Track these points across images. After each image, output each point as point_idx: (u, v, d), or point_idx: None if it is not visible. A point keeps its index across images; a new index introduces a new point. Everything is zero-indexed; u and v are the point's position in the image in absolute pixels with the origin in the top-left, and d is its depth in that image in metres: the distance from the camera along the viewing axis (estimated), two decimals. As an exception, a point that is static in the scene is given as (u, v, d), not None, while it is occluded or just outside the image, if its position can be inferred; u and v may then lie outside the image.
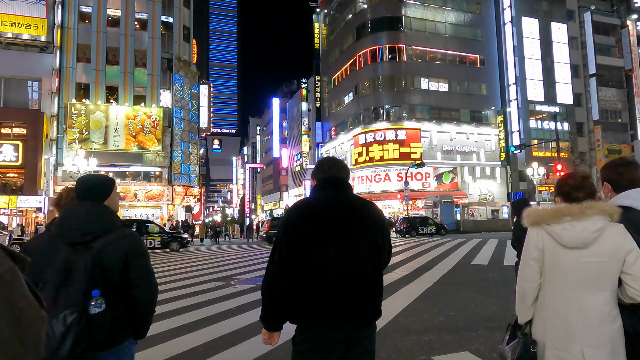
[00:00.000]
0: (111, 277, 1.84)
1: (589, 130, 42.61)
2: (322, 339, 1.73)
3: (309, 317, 1.76)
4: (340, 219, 1.81)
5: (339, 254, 1.76)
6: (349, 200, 1.89)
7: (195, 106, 35.96)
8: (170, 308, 6.57)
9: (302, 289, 1.77)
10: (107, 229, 1.90)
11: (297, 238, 1.78)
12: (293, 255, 1.79)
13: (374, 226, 1.86)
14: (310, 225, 1.79)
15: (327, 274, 1.75)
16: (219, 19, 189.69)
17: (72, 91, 30.49)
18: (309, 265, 1.76)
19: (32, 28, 29.30)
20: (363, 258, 1.80)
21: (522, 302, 1.84)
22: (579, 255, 1.70)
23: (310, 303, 1.75)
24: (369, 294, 1.81)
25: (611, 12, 46.05)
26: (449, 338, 4.69)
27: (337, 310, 1.74)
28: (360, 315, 1.77)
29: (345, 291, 1.75)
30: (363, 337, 1.79)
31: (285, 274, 1.80)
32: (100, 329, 1.74)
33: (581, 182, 1.82)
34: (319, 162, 2.02)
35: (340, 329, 1.73)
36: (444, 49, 39.95)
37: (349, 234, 1.79)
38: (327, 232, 1.78)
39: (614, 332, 1.65)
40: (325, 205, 1.84)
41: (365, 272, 1.80)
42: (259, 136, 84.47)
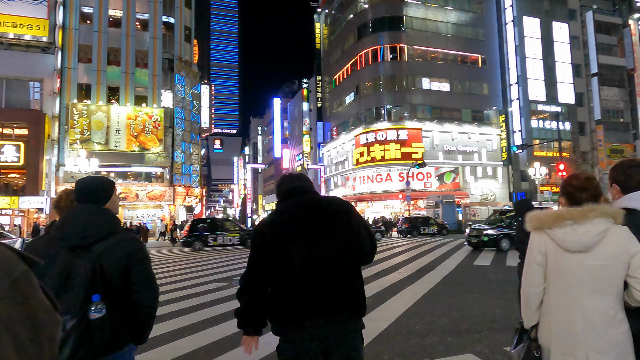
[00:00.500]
0: (112, 282, 1.81)
1: (591, 129, 42.49)
2: (301, 339, 1.74)
3: (286, 320, 1.78)
4: (305, 218, 1.85)
5: (308, 251, 1.77)
6: (312, 200, 1.94)
7: (196, 106, 35.98)
8: (172, 309, 6.55)
9: (278, 292, 1.81)
10: (108, 233, 1.87)
11: (267, 246, 1.84)
12: (267, 262, 1.83)
13: (340, 219, 1.87)
14: (278, 231, 1.85)
15: (298, 272, 1.76)
16: (220, 19, 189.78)
17: (73, 92, 30.53)
18: (282, 268, 1.79)
19: (33, 29, 29.34)
20: (334, 252, 1.79)
21: (527, 306, 1.82)
22: (582, 259, 1.68)
23: (286, 305, 1.78)
24: (345, 288, 1.81)
25: (613, 11, 45.91)
26: (451, 340, 4.66)
27: (313, 308, 1.74)
28: (337, 310, 1.76)
29: (318, 288, 1.76)
30: (345, 332, 1.78)
31: (261, 283, 1.87)
32: (101, 335, 1.71)
33: (585, 184, 1.79)
34: (279, 179, 2.10)
35: (319, 327, 1.73)
36: (446, 48, 39.89)
37: (315, 230, 1.82)
38: (294, 233, 1.81)
39: (620, 336, 1.62)
40: (290, 210, 1.90)
41: (338, 265, 1.80)
42: (260, 136, 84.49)
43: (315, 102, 51.20)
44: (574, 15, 43.68)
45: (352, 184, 41.86)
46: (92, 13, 31.54)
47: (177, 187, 32.54)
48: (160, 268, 12.76)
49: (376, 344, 4.58)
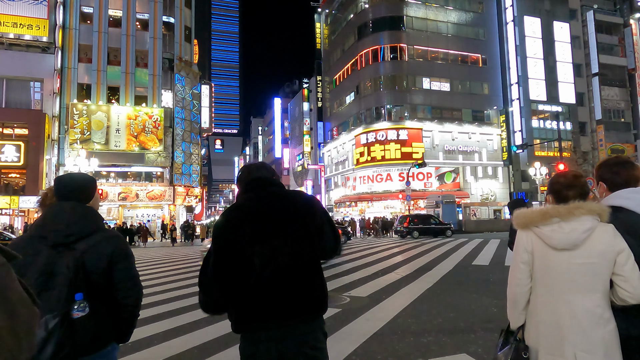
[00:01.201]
0: (95, 280, 1.78)
1: (592, 129, 42.40)
2: (257, 340, 1.70)
3: (243, 320, 1.73)
4: (265, 215, 1.78)
5: (268, 254, 1.72)
6: (272, 197, 1.86)
7: (196, 106, 35.99)
8: (167, 309, 6.53)
9: (235, 297, 1.75)
10: (91, 231, 1.84)
11: (225, 245, 1.78)
12: (225, 262, 1.77)
13: (302, 215, 1.81)
14: (238, 229, 1.78)
15: (257, 275, 1.71)
16: (220, 19, 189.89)
17: (73, 91, 30.57)
18: (240, 269, 1.74)
19: (33, 29, 29.38)
20: (295, 253, 1.75)
21: (514, 306, 1.80)
22: (569, 257, 1.66)
23: (243, 306, 1.73)
24: (304, 289, 1.74)
25: (614, 11, 45.81)
26: (447, 340, 4.63)
27: (271, 311, 1.69)
28: (296, 313, 1.71)
29: (276, 289, 1.70)
30: (304, 333, 1.72)
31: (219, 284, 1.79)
32: (84, 334, 1.69)
33: (572, 181, 1.77)
34: (240, 169, 2.02)
35: (276, 329, 1.69)
36: (446, 48, 39.84)
37: (276, 229, 1.76)
38: (254, 232, 1.75)
39: (607, 335, 1.61)
40: (249, 207, 1.83)
41: (296, 266, 1.74)
42: (261, 136, 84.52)
43: (316, 102, 51.19)
44: (575, 15, 43.60)
45: (352, 184, 41.84)
46: (92, 13, 31.58)
47: (177, 187, 32.56)
48: (158, 268, 12.75)
49: (370, 343, 4.56)
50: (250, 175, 1.93)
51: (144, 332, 5.16)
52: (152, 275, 10.86)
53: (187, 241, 27.84)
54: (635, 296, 1.61)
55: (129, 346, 4.59)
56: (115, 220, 30.47)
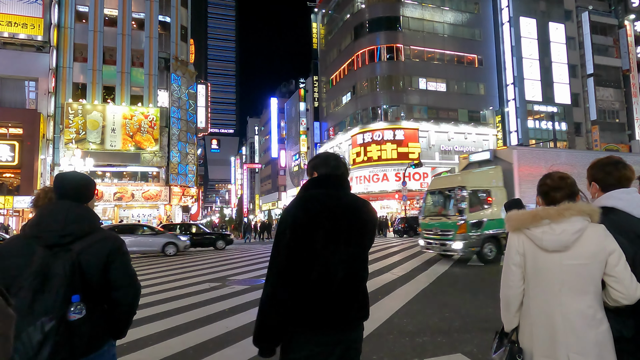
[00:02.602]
0: (91, 281, 1.76)
1: (587, 130, 42.62)
2: (320, 343, 1.65)
3: (312, 323, 1.65)
4: (346, 220, 1.73)
5: (344, 257, 1.70)
6: (353, 202, 1.82)
7: (192, 106, 35.90)
8: (163, 309, 6.52)
9: (306, 294, 1.65)
10: (88, 231, 1.82)
11: (306, 240, 1.65)
12: (302, 258, 1.65)
13: (372, 229, 1.84)
14: (319, 225, 1.67)
15: (332, 278, 1.67)
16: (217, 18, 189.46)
17: (69, 91, 30.41)
18: (315, 269, 1.65)
19: (28, 27, 29.20)
20: (362, 261, 1.79)
21: (507, 309, 1.80)
22: (560, 258, 1.66)
23: (315, 308, 1.65)
24: (365, 295, 1.80)
25: (609, 12, 46.07)
26: (442, 340, 4.64)
27: (340, 314, 1.68)
28: (358, 317, 1.75)
29: (348, 295, 1.70)
30: (356, 338, 1.76)
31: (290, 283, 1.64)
32: (80, 336, 1.67)
33: (559, 183, 1.78)
34: (322, 156, 1.88)
35: (340, 333, 1.69)
36: (442, 48, 39.93)
37: (353, 236, 1.74)
38: (335, 234, 1.69)
39: (600, 336, 1.61)
40: (332, 206, 1.74)
41: (363, 275, 1.79)
42: (257, 136, 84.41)
43: (312, 102, 51.17)
44: (570, 16, 43.80)
45: None
46: (88, 12, 31.41)
47: (173, 187, 32.45)
48: (155, 268, 12.71)
49: (366, 344, 4.53)
50: (334, 170, 1.83)
51: (139, 333, 5.14)
52: (147, 276, 10.82)
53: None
54: (627, 297, 1.61)
55: (125, 347, 4.57)
56: (110, 221, 30.34)
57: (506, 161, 11.84)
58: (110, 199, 30.75)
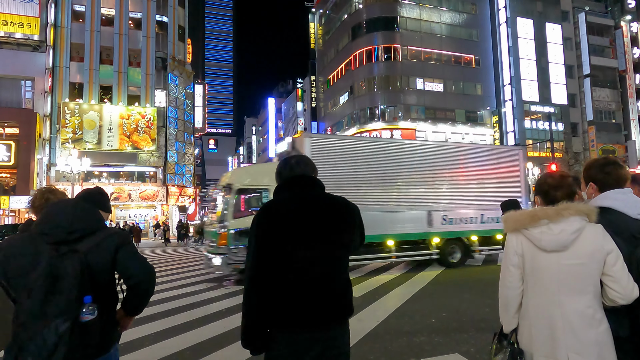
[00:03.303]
0: (101, 280, 1.76)
1: (584, 130, 42.77)
2: (296, 342, 1.67)
3: (289, 323, 1.68)
4: (312, 221, 1.72)
5: (315, 258, 1.69)
6: (320, 200, 1.79)
7: (190, 106, 35.84)
8: (161, 310, 6.50)
9: (280, 295, 1.69)
10: (94, 229, 1.81)
11: (273, 245, 1.68)
12: (269, 263, 1.69)
13: (345, 227, 1.79)
14: (281, 227, 1.69)
15: (307, 278, 1.68)
16: (214, 18, 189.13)
17: (65, 91, 30.30)
18: (288, 272, 1.69)
19: (24, 27, 29.08)
20: (339, 259, 1.76)
21: (506, 310, 1.79)
22: (559, 258, 1.66)
23: (292, 308, 1.68)
24: (344, 294, 1.76)
25: (605, 13, 46.25)
26: (439, 340, 4.65)
27: (317, 312, 1.68)
28: (336, 315, 1.72)
29: (324, 294, 1.69)
30: (337, 336, 1.73)
31: (263, 286, 1.69)
32: (93, 337, 1.66)
33: (560, 182, 1.78)
34: (283, 160, 1.89)
35: (318, 331, 1.68)
36: (440, 49, 39.99)
37: (318, 236, 1.71)
38: (302, 235, 1.70)
39: (599, 336, 1.61)
40: (296, 208, 1.74)
41: (341, 273, 1.76)
42: (255, 136, 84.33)
43: (310, 102, 51.16)
44: (567, 17, 43.95)
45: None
46: (84, 11, 31.32)
47: (170, 187, 32.39)
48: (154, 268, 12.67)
49: (363, 343, 4.57)
50: (293, 172, 1.83)
51: (137, 333, 5.13)
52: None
53: (180, 242, 27.71)
54: (624, 296, 1.62)
55: (121, 347, 4.56)
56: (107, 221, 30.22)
57: (299, 152, 9.51)
58: (107, 199, 30.65)
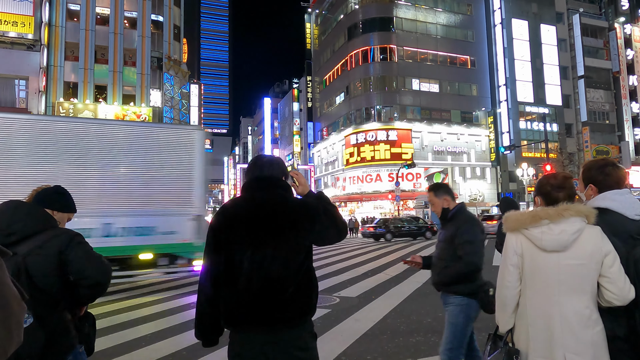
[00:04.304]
0: (42, 284, 1.65)
1: (578, 131, 43.07)
2: (247, 342, 1.69)
3: (234, 323, 1.72)
4: (260, 220, 1.73)
5: (258, 259, 1.69)
6: (271, 201, 1.78)
7: (185, 106, 35.74)
8: (156, 310, 6.48)
9: (226, 295, 1.74)
10: (36, 230, 1.72)
11: (218, 244, 1.75)
12: (219, 261, 1.75)
13: (296, 226, 1.74)
14: (230, 229, 1.75)
15: (245, 279, 1.69)
16: (210, 18, 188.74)
17: (60, 90, 30.10)
18: (230, 271, 1.73)
19: (18, 26, 28.84)
20: (284, 262, 1.71)
21: (503, 310, 1.79)
22: (559, 258, 1.67)
23: (231, 309, 1.72)
24: (292, 297, 1.70)
25: (599, 14, 46.62)
26: (435, 340, 4.65)
27: (257, 316, 1.68)
28: (282, 319, 1.69)
29: (263, 297, 1.68)
30: (290, 338, 1.69)
31: (214, 282, 1.76)
32: (30, 345, 1.53)
33: (562, 182, 1.79)
34: (250, 162, 1.95)
35: (262, 333, 1.68)
36: (435, 50, 40.13)
37: (267, 237, 1.71)
38: (245, 235, 1.72)
39: (595, 336, 1.62)
40: (247, 207, 1.78)
41: (286, 275, 1.71)
42: (251, 136, 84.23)
43: (306, 102, 51.18)
44: (562, 18, 44.25)
45: (342, 184, 41.91)
46: (79, 10, 31.12)
47: (165, 187, 32.25)
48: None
49: (360, 344, 4.57)
50: (260, 172, 1.85)
51: (132, 334, 5.11)
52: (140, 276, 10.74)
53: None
54: (620, 298, 1.63)
55: (117, 348, 4.54)
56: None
57: None
58: (102, 199, 30.49)
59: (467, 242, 2.74)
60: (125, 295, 7.86)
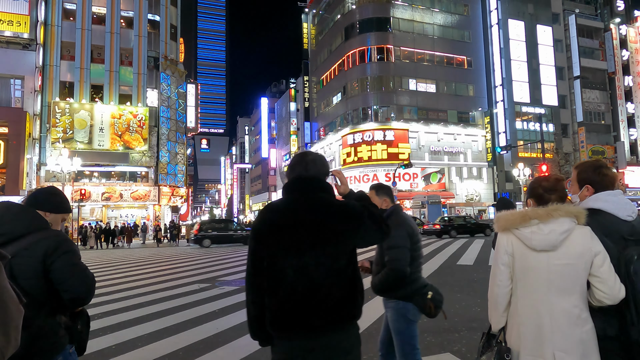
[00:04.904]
0: (26, 287, 1.62)
1: (574, 131, 43.28)
2: (292, 348, 1.68)
3: (278, 328, 1.71)
4: (303, 226, 1.70)
5: (301, 265, 1.67)
6: (318, 205, 1.75)
7: (182, 105, 35.67)
8: (152, 311, 6.47)
9: (270, 301, 1.72)
10: (24, 232, 1.71)
11: (262, 248, 1.74)
12: (262, 265, 1.74)
13: (342, 232, 1.72)
14: (272, 234, 1.71)
15: (289, 286, 1.68)
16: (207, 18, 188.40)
17: (55, 89, 30.01)
18: (273, 276, 1.71)
19: (14, 25, 28.73)
20: (328, 267, 1.69)
21: (495, 308, 1.82)
22: (548, 258, 1.70)
23: (278, 315, 1.70)
24: (336, 303, 1.68)
25: (595, 15, 46.85)
26: (431, 339, 4.68)
27: (301, 322, 1.67)
28: (327, 325, 1.67)
29: (309, 303, 1.66)
30: (335, 344, 1.68)
31: (258, 286, 1.76)
32: None
33: (555, 185, 1.82)
34: (293, 159, 1.90)
35: (311, 339, 1.67)
36: (432, 50, 40.21)
37: (312, 243, 1.69)
38: (289, 241, 1.69)
39: (584, 335, 1.65)
40: (290, 212, 1.74)
41: (330, 282, 1.68)
42: (248, 136, 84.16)
43: (303, 102, 51.16)
44: (558, 19, 44.44)
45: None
46: (75, 10, 31.05)
47: (162, 187, 32.19)
48: (146, 268, 12.61)
49: (356, 344, 4.58)
50: (303, 172, 1.83)
51: (128, 334, 5.11)
52: (137, 277, 10.73)
53: (172, 242, 27.56)
54: (610, 297, 1.66)
55: (114, 349, 4.54)
56: (98, 221, 30.00)
57: None
58: (98, 199, 30.41)
59: (391, 248, 2.66)
60: (122, 296, 7.86)
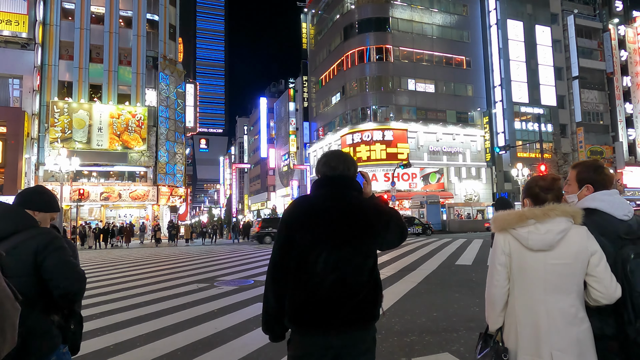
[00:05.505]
0: (15, 285, 1.62)
1: (572, 131, 43.34)
2: (311, 344, 1.67)
3: (300, 323, 1.70)
4: (338, 222, 1.72)
5: (333, 260, 1.68)
6: (349, 204, 1.78)
7: (181, 105, 35.63)
8: (151, 310, 6.47)
9: (294, 293, 1.71)
10: (12, 231, 1.71)
11: (293, 240, 1.73)
12: (291, 257, 1.73)
13: (375, 230, 1.76)
14: (306, 227, 1.72)
15: (319, 280, 1.68)
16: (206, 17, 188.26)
17: (54, 89, 29.96)
18: (302, 269, 1.70)
19: (12, 24, 28.68)
20: (358, 265, 1.71)
21: (492, 308, 1.82)
22: (545, 258, 1.71)
23: (302, 309, 1.69)
24: (361, 301, 1.71)
25: (593, 16, 46.93)
26: (430, 339, 4.69)
27: (328, 317, 1.67)
28: (350, 322, 1.68)
29: (336, 299, 1.67)
30: (356, 342, 1.70)
31: (283, 278, 1.74)
32: None
33: (551, 184, 1.82)
34: (326, 156, 1.92)
35: (331, 336, 1.66)
36: (431, 50, 40.24)
37: (342, 240, 1.70)
38: (323, 236, 1.70)
39: (581, 334, 1.66)
40: (325, 207, 1.75)
41: (357, 279, 1.71)
42: (247, 136, 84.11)
43: (302, 102, 51.16)
44: (556, 19, 44.51)
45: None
46: (74, 9, 31.01)
47: (161, 187, 32.16)
48: (145, 268, 12.60)
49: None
50: (336, 171, 1.84)
51: (127, 334, 5.10)
52: (135, 277, 10.72)
53: (171, 242, 27.54)
54: (607, 296, 1.66)
55: (112, 349, 4.54)
56: (97, 221, 29.97)
57: None
58: (97, 199, 30.37)
59: None
60: (121, 295, 7.85)
